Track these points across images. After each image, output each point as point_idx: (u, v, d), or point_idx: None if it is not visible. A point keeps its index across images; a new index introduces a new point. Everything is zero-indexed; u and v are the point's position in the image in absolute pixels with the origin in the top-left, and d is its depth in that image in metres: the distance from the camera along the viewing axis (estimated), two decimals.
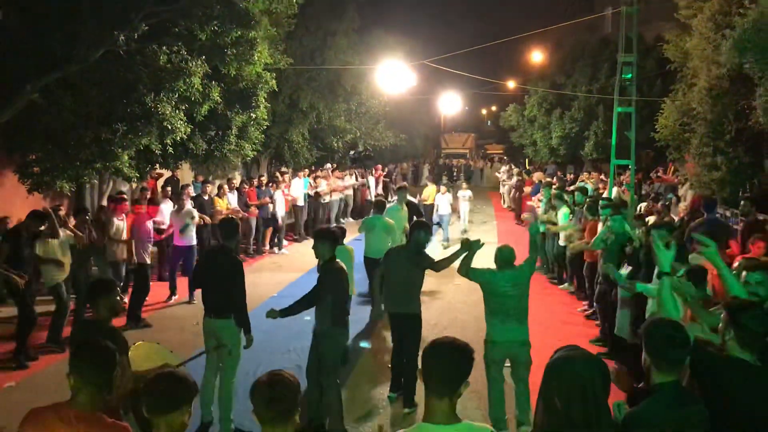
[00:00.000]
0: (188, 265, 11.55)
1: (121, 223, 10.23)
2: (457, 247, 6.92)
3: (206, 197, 13.86)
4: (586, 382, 2.55)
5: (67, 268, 9.03)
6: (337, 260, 6.30)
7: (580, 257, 11.23)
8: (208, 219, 12.96)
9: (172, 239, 12.01)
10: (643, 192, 18.77)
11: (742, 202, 9.67)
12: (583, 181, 20.93)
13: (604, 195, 16.12)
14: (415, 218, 9.85)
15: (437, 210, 17.63)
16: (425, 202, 18.22)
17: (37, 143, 10.04)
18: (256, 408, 2.78)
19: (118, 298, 4.93)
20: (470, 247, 6.67)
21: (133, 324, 9.64)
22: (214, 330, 6.39)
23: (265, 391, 2.77)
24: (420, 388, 3.02)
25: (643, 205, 14.91)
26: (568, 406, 2.54)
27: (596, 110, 25.75)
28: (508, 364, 6.45)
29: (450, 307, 11.10)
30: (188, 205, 11.97)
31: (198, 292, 8.92)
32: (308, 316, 6.71)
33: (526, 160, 33.15)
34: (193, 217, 11.74)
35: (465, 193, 19.49)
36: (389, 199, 19.21)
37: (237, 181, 16.09)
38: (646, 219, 10.42)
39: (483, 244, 6.81)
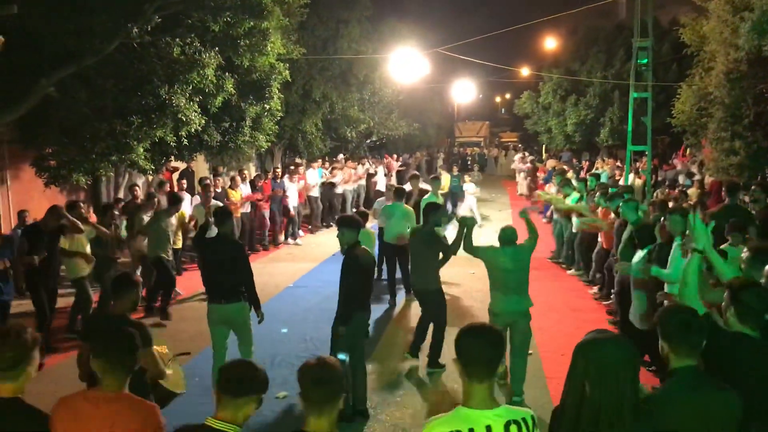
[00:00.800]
0: None
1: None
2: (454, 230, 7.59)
3: (219, 189, 13.78)
4: (617, 366, 2.58)
5: (91, 261, 9.10)
6: (362, 246, 6.41)
7: (588, 242, 11.38)
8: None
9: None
10: (659, 178, 18.60)
11: (752, 188, 9.39)
12: (598, 168, 20.83)
13: (620, 182, 16.04)
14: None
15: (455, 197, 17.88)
16: (441, 191, 18.13)
17: (52, 137, 10.12)
18: (303, 390, 2.82)
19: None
20: (466, 222, 7.29)
21: (164, 316, 9.68)
22: (226, 315, 6.53)
23: (314, 371, 2.82)
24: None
25: (659, 191, 14.80)
26: (599, 390, 2.57)
27: (611, 96, 25.54)
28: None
29: (466, 294, 11.09)
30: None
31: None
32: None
33: (543, 147, 32.99)
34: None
35: (469, 186, 19.28)
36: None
37: (249, 173, 16.04)
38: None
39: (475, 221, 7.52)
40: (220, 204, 11.19)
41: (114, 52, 9.50)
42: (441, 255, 7.72)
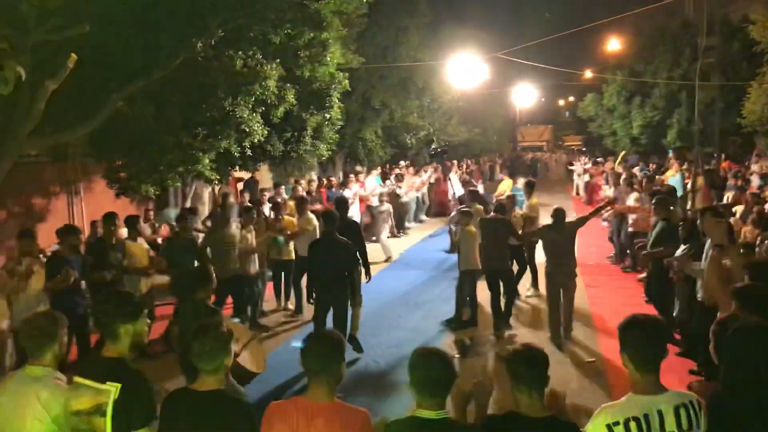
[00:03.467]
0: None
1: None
2: None
3: (279, 200, 13.37)
4: None
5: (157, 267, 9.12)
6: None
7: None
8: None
9: None
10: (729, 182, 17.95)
11: None
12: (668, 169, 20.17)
13: (688, 185, 15.62)
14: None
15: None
16: (501, 196, 17.93)
17: (122, 149, 10.46)
18: (516, 372, 2.98)
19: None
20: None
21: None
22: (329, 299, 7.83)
23: (525, 354, 3.02)
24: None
25: (731, 194, 14.30)
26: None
27: (678, 97, 24.85)
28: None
29: None
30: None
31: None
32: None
33: (622, 153, 32.33)
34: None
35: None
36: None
37: (305, 183, 15.89)
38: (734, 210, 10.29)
39: None
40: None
41: (179, 67, 9.76)
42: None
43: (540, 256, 9.94)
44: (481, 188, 13.74)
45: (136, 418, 3.25)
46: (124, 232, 9.37)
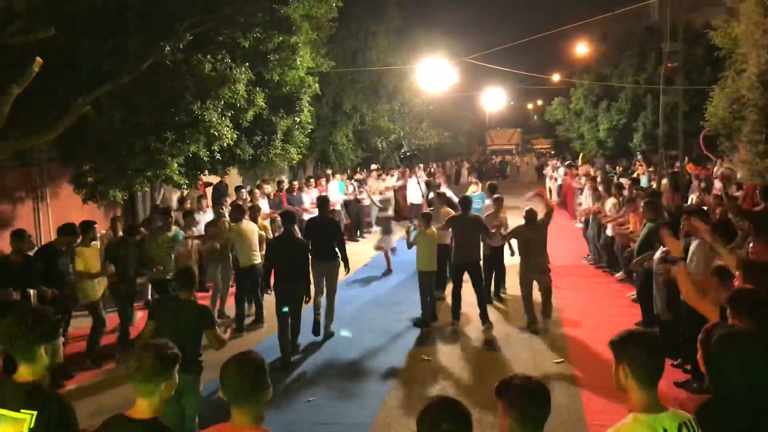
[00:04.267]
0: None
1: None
2: None
3: (240, 204, 13.65)
4: None
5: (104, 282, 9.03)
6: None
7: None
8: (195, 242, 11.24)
9: None
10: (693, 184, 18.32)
11: None
12: (635, 172, 20.48)
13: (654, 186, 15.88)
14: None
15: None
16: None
17: (89, 154, 10.33)
18: (520, 409, 2.70)
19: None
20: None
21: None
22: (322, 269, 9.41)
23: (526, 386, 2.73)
24: None
25: (695, 196, 14.58)
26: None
27: (644, 100, 25.28)
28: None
29: None
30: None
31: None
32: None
33: (580, 155, 32.71)
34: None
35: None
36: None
37: (268, 187, 15.79)
38: None
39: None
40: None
41: (147, 71, 9.70)
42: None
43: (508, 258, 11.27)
44: (446, 191, 13.70)
45: None
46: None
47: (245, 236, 10.27)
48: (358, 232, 19.02)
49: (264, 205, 14.48)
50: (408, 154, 23.83)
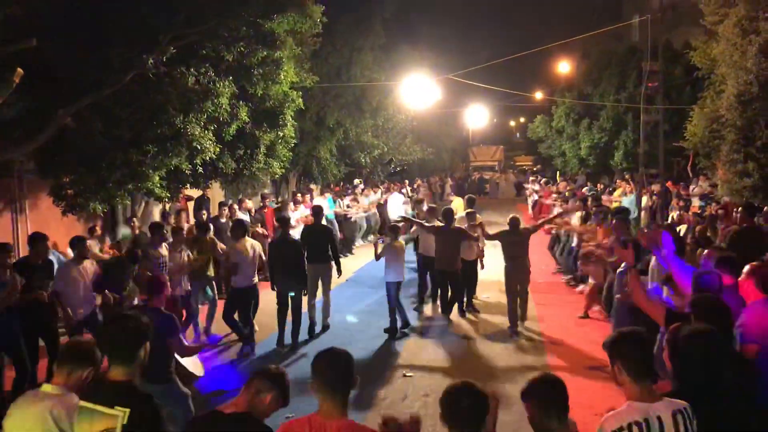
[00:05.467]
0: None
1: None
2: None
3: (223, 220, 13.59)
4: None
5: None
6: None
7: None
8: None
9: None
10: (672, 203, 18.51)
11: (765, 209, 9.43)
12: (625, 192, 20.59)
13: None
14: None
15: None
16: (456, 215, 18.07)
17: (69, 166, 10.22)
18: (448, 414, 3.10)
19: None
20: None
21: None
22: (317, 271, 10.42)
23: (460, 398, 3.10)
24: None
25: (675, 214, 14.75)
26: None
27: (625, 119, 25.55)
28: None
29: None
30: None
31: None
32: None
33: (557, 172, 32.97)
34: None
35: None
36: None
37: (250, 203, 15.70)
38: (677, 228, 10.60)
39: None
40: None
41: (130, 83, 9.66)
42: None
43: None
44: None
45: None
46: (69, 252, 9.13)
47: (246, 254, 9.59)
48: (350, 247, 18.99)
49: (245, 218, 14.38)
50: (398, 170, 23.94)
